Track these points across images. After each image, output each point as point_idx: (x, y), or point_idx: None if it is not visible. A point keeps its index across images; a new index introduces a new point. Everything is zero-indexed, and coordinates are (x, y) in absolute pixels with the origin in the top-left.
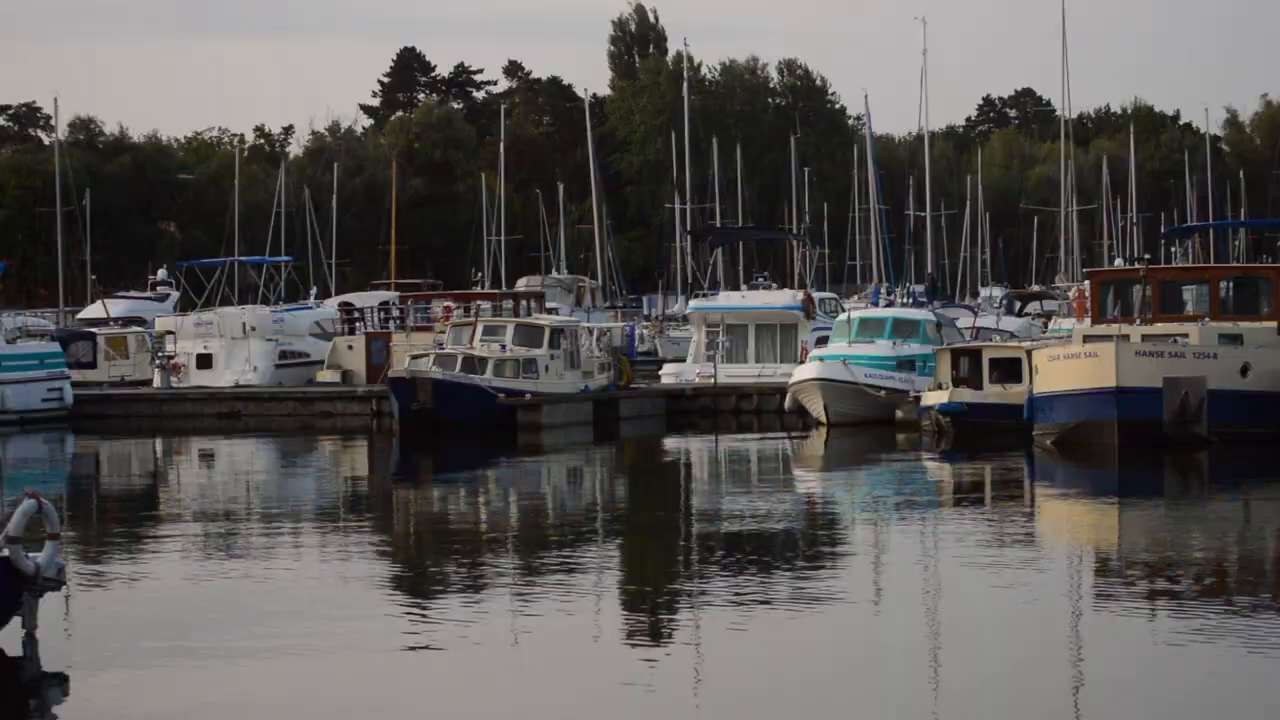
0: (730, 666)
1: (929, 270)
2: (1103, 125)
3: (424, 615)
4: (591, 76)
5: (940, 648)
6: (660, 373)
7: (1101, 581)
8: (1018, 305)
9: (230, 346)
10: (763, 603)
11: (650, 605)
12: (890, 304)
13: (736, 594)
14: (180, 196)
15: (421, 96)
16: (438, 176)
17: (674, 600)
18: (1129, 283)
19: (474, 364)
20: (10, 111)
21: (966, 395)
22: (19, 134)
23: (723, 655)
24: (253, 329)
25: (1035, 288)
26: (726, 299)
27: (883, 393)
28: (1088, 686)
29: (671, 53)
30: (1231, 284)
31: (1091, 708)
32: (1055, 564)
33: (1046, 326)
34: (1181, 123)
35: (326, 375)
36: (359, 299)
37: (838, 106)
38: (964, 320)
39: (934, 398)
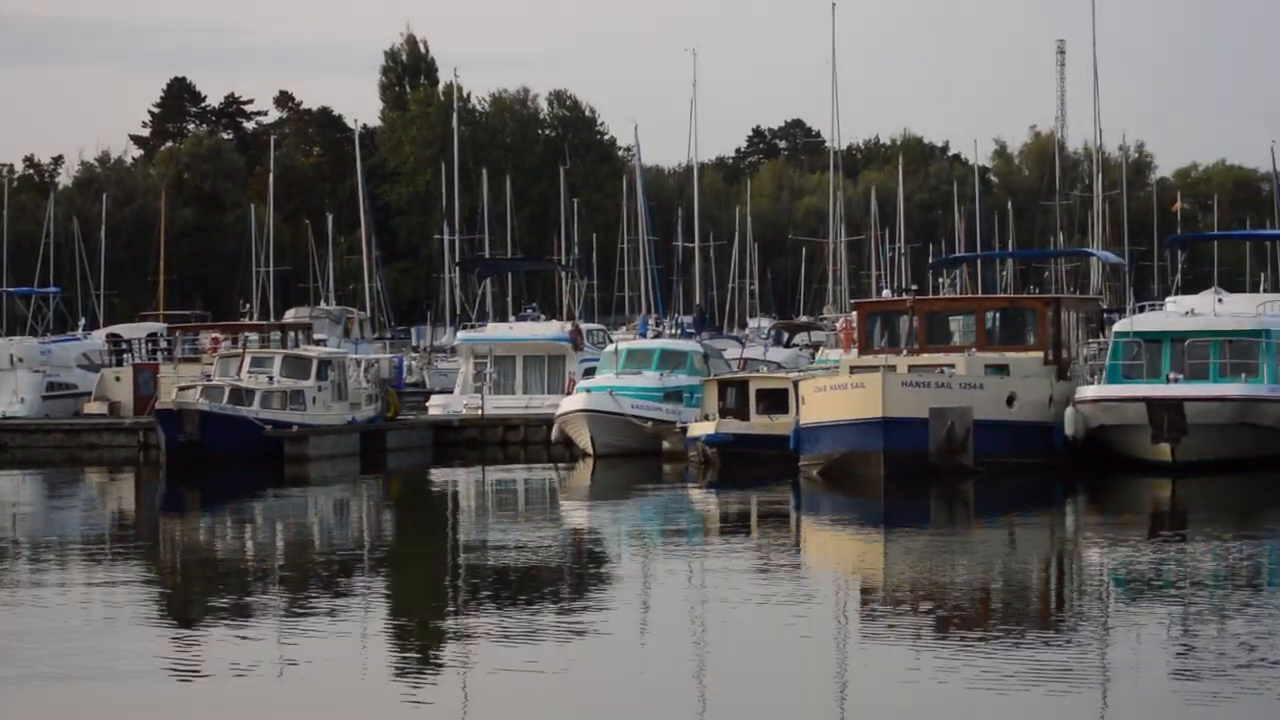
0: (498, 700)
1: (697, 301)
2: (872, 156)
3: (187, 646)
4: (362, 108)
5: (706, 685)
6: (428, 404)
7: (867, 612)
8: (786, 336)
9: None
10: (530, 636)
11: (417, 640)
12: (658, 335)
13: (503, 628)
14: None
15: (191, 127)
16: (207, 207)
17: (441, 635)
18: (896, 313)
19: (241, 396)
20: None
21: (733, 426)
22: None
23: (491, 690)
24: (19, 360)
25: (803, 318)
26: (494, 330)
27: (649, 424)
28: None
29: (442, 83)
30: (998, 315)
31: None
32: (822, 595)
33: (814, 357)
34: (950, 154)
35: (94, 407)
36: (127, 330)
37: (607, 137)
38: (731, 351)
39: (700, 429)
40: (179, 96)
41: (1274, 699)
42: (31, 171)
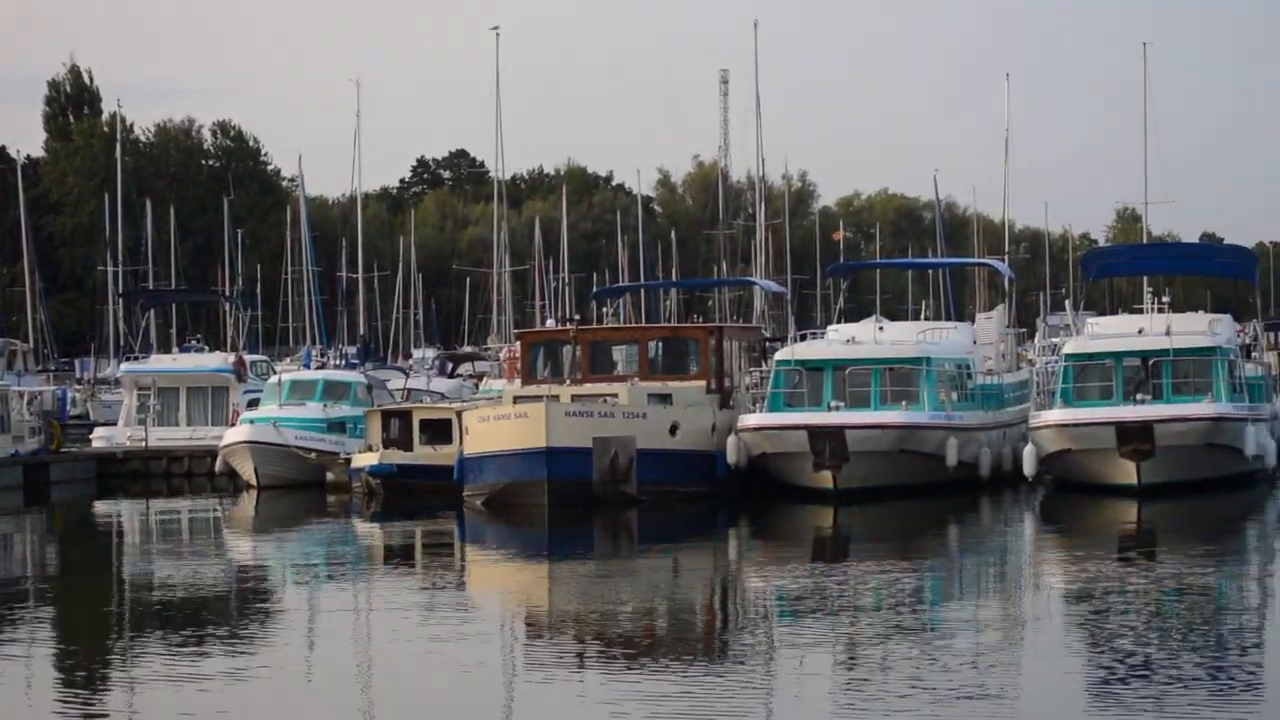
0: None
1: (361, 332)
2: (536, 186)
3: None
4: (26, 139)
5: (374, 717)
6: (92, 436)
7: (532, 642)
8: (450, 366)
9: None
10: (194, 676)
11: (78, 677)
12: (322, 366)
13: (168, 665)
14: None
15: None
16: None
17: (105, 671)
18: (559, 343)
19: None
20: None
21: (397, 457)
22: None
23: None
24: None
25: (467, 349)
26: (158, 362)
27: (313, 455)
28: None
29: (106, 114)
30: (661, 344)
31: None
32: (486, 626)
33: (478, 387)
34: (614, 184)
35: None
36: None
37: (271, 168)
38: (396, 381)
39: (364, 459)
40: None
41: None
42: None
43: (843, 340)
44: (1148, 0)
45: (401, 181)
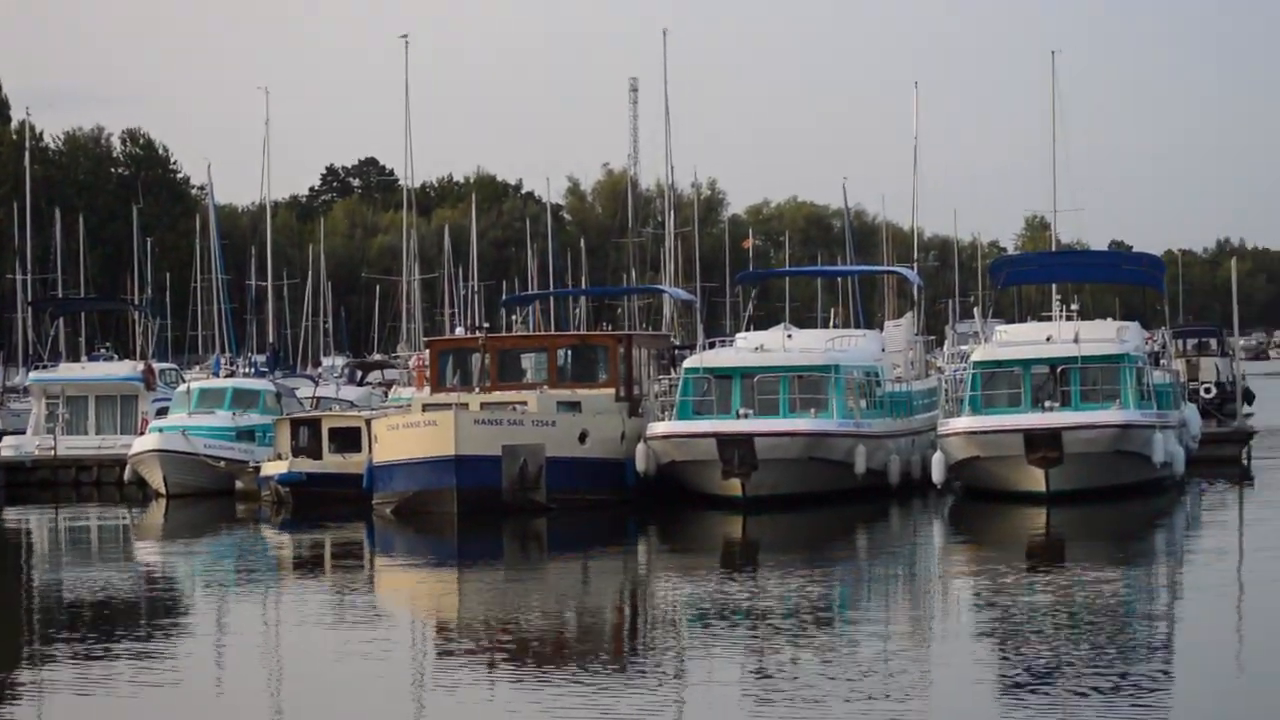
0: None
1: (271, 340)
2: (446, 194)
3: None
4: None
5: None
6: (0, 445)
7: (442, 649)
8: (359, 374)
9: None
10: (104, 684)
11: None
12: (231, 374)
13: (75, 675)
14: None
15: None
16: None
17: (10, 681)
18: (468, 351)
19: None
20: None
21: (306, 465)
22: None
23: None
24: None
25: (377, 357)
26: (66, 370)
27: (222, 463)
28: None
29: (15, 122)
30: (570, 352)
31: None
32: (396, 635)
33: (387, 395)
34: (524, 191)
35: None
36: None
37: (180, 176)
38: (305, 390)
39: (273, 468)
40: None
41: None
42: None
43: (751, 348)
44: (1056, 10)
45: (311, 189)
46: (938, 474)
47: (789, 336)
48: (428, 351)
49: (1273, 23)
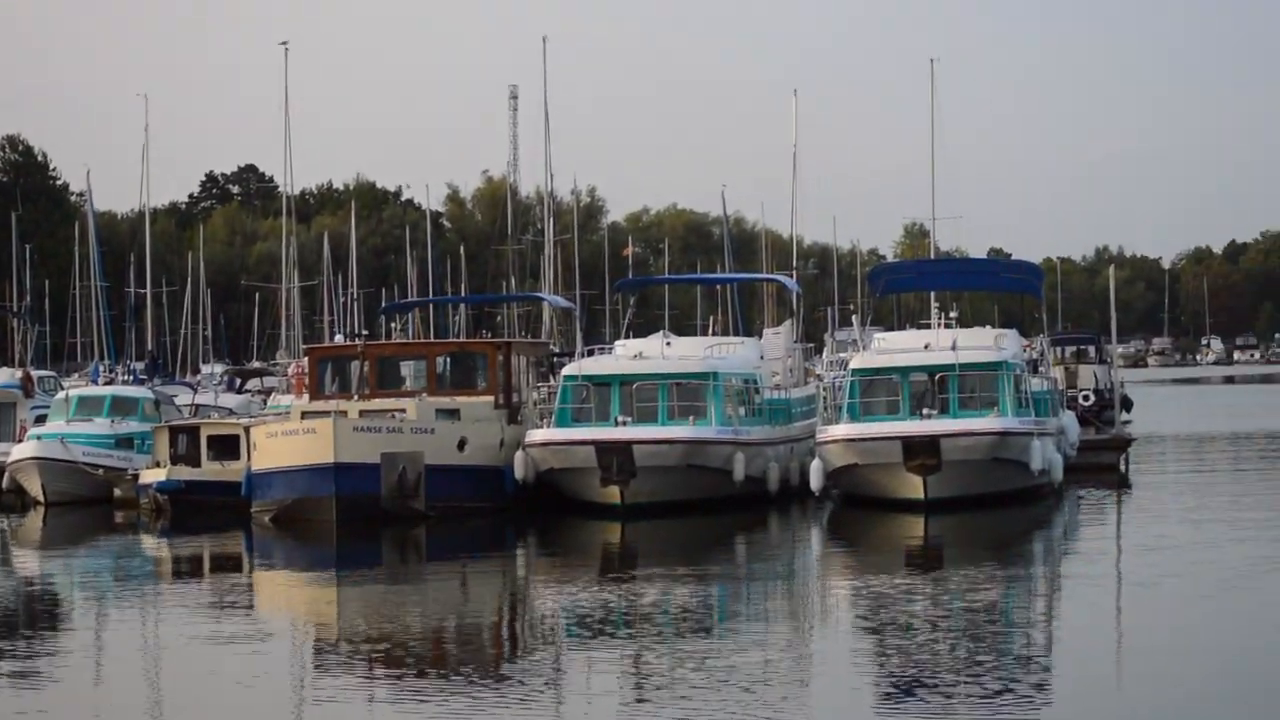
0: None
1: (150, 347)
2: (325, 201)
3: None
4: None
5: None
6: None
7: (321, 658)
8: (238, 382)
9: None
10: None
11: None
12: (110, 382)
13: None
14: None
15: None
16: None
17: None
18: (347, 359)
19: None
20: None
21: (184, 473)
22: None
23: None
24: None
25: (256, 364)
26: None
27: (101, 471)
28: None
29: None
30: (449, 359)
31: None
32: (275, 642)
33: (266, 403)
34: (404, 199)
35: None
36: None
37: (60, 183)
38: (184, 397)
39: (152, 475)
40: None
41: None
42: None
43: (630, 355)
44: (935, 18)
45: (191, 196)
46: (816, 481)
47: (668, 344)
48: (307, 359)
49: (1150, 32)
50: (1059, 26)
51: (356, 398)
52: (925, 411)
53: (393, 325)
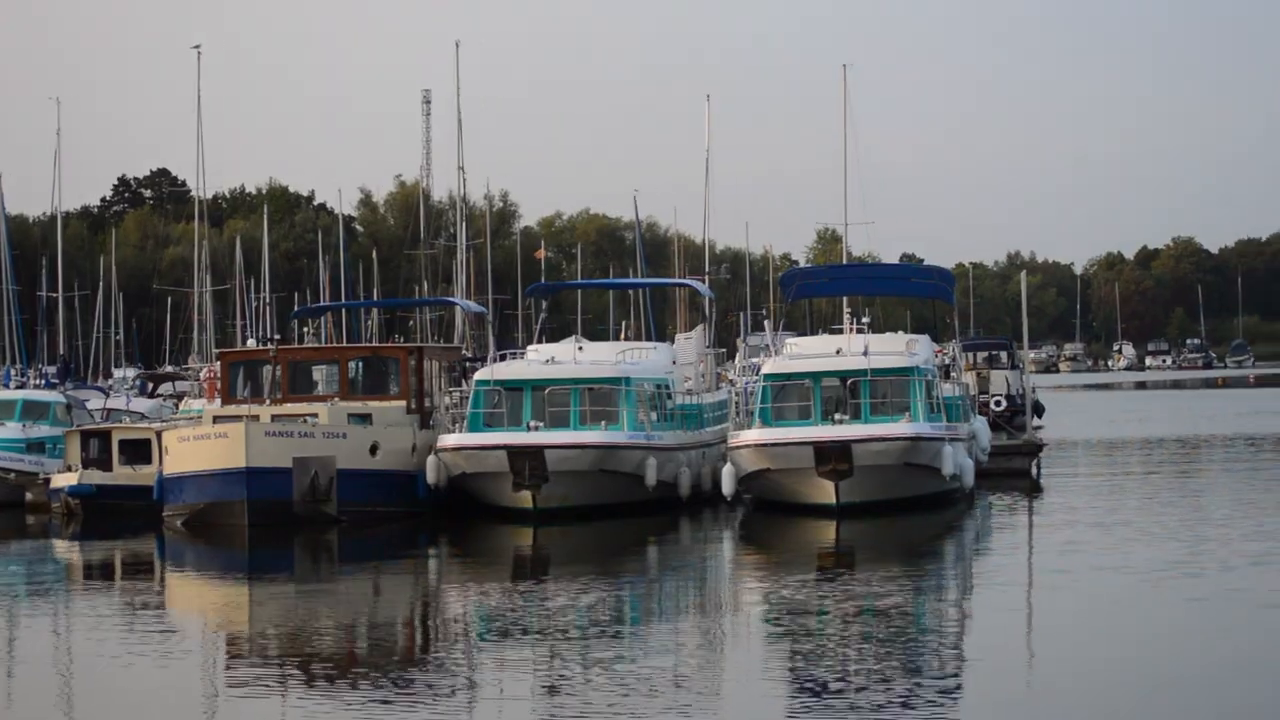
0: None
1: (61, 351)
2: (238, 205)
3: None
4: None
5: None
6: None
7: (233, 662)
8: (150, 386)
9: None
10: None
11: None
12: (21, 386)
13: None
14: None
15: None
16: None
17: None
18: (259, 363)
19: None
20: None
21: (96, 477)
22: None
23: None
24: None
25: (168, 368)
26: None
27: (13, 475)
28: None
29: None
30: (361, 364)
31: None
32: (186, 647)
33: (178, 407)
34: (316, 203)
35: None
36: None
37: None
38: (95, 401)
39: (63, 480)
40: None
41: None
42: None
43: (542, 360)
44: (849, 23)
45: (103, 200)
46: (728, 486)
47: (580, 349)
48: (219, 363)
49: (1062, 39)
50: (971, 33)
51: (268, 402)
52: (837, 417)
53: (305, 330)
